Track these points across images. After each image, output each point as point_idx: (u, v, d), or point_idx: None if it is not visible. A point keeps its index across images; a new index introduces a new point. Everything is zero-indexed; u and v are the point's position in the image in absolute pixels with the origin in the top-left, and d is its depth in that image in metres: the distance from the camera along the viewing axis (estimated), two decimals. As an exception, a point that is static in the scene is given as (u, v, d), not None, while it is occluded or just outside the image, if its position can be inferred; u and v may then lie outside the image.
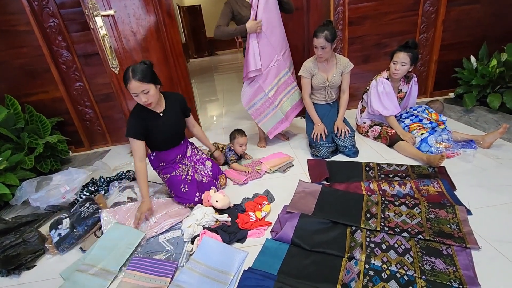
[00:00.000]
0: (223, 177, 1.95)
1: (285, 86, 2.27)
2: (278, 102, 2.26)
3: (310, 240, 1.34)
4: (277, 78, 2.20)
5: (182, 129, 1.84)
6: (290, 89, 2.31)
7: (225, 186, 1.96)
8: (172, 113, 1.72)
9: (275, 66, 2.15)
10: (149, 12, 2.29)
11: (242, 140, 2.16)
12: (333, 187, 1.75)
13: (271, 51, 2.12)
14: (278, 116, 2.29)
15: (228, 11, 2.07)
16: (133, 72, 1.46)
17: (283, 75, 2.23)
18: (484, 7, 2.78)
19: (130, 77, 1.45)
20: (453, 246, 1.24)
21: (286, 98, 2.30)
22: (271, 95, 2.21)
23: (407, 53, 2.02)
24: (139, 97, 1.50)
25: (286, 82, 2.26)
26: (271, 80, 2.18)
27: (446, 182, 1.64)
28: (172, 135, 1.75)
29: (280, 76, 2.22)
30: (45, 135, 2.47)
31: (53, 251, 1.55)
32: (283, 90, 2.27)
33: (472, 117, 2.48)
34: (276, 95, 2.23)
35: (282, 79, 2.23)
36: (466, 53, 2.83)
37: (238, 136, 2.16)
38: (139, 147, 1.60)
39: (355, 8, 2.69)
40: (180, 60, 2.55)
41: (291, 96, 2.32)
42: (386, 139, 2.20)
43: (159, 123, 1.65)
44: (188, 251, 1.41)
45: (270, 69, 2.15)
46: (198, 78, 6.73)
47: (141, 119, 1.60)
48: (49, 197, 1.88)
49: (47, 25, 2.47)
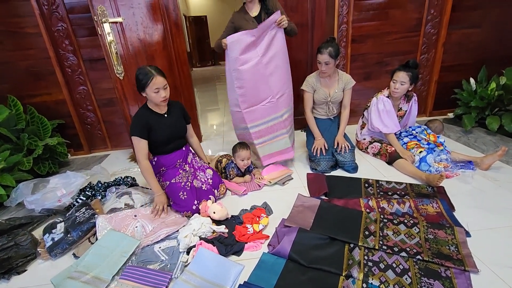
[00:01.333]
0: (224, 187, 1.95)
1: (272, 131, 2.11)
2: (259, 143, 2.13)
3: (308, 256, 1.32)
4: (264, 119, 2.07)
5: (184, 132, 1.90)
6: (278, 135, 2.12)
7: (224, 195, 1.94)
8: (174, 115, 1.81)
9: (265, 107, 2.03)
10: (156, 21, 2.33)
11: (244, 154, 2.04)
12: (332, 202, 1.74)
13: (266, 90, 1.99)
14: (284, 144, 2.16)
15: (231, 26, 2.09)
16: (155, 70, 1.60)
17: (273, 119, 2.07)
18: (485, 32, 2.85)
19: (154, 74, 1.58)
20: (452, 269, 1.22)
21: (269, 143, 2.14)
22: (253, 132, 2.09)
23: (406, 73, 2.05)
24: (159, 92, 1.61)
25: (275, 126, 2.09)
26: (257, 118, 2.07)
27: (445, 202, 1.64)
28: (174, 136, 1.80)
29: (269, 119, 2.07)
30: (45, 137, 2.47)
31: (45, 256, 1.51)
32: (268, 134, 2.11)
33: (471, 138, 2.50)
34: (258, 134, 2.11)
35: (270, 123, 2.08)
36: (466, 75, 2.89)
37: (239, 150, 2.05)
38: (143, 146, 1.66)
39: (358, 27, 2.75)
40: (185, 69, 2.58)
41: (276, 142, 2.14)
42: (386, 156, 2.20)
43: (162, 123, 1.73)
44: (183, 262, 1.39)
45: (259, 108, 2.03)
46: (201, 87, 6.78)
47: (145, 118, 1.68)
48: (45, 200, 1.85)
49: (55, 29, 2.50)
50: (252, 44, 1.90)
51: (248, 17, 2.08)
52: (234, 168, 2.09)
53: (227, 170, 2.08)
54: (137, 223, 1.60)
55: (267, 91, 2.00)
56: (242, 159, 2.06)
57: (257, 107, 2.04)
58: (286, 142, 2.15)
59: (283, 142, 2.14)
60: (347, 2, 2.64)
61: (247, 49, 1.90)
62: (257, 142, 2.13)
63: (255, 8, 2.09)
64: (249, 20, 2.07)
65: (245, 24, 2.05)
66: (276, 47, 1.96)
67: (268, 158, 2.19)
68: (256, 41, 1.90)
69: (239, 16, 2.10)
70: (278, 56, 1.98)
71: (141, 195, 1.89)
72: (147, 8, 2.27)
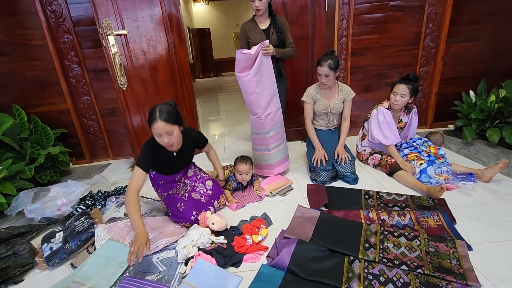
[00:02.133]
0: (224, 197, 1.94)
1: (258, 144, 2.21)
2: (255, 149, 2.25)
3: (307, 268, 1.30)
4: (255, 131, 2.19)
5: (190, 161, 1.87)
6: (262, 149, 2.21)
7: (224, 206, 1.94)
8: (185, 152, 1.74)
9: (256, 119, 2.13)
10: (160, 34, 2.39)
11: (242, 168, 2.00)
12: (332, 213, 1.73)
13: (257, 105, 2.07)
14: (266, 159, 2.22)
15: (243, 37, 2.27)
16: (160, 112, 1.45)
17: (259, 133, 2.17)
18: (483, 45, 2.89)
19: (157, 117, 1.44)
20: (453, 283, 1.20)
21: (256, 154, 2.26)
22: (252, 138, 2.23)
23: (406, 85, 2.07)
24: (161, 138, 1.49)
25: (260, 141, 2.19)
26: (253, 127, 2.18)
27: (446, 214, 1.62)
28: (182, 166, 1.79)
29: (257, 131, 2.17)
30: (48, 146, 2.49)
31: (43, 265, 1.51)
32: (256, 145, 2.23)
33: (472, 150, 2.49)
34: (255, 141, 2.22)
35: (258, 135, 2.18)
36: (465, 87, 2.91)
37: (238, 163, 2.02)
38: (141, 178, 1.54)
39: (358, 40, 2.80)
40: (187, 80, 2.62)
41: (260, 156, 2.24)
42: (386, 167, 2.20)
43: (170, 161, 1.68)
44: (181, 273, 1.38)
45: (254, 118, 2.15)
46: (203, 97, 6.86)
47: (155, 154, 1.58)
48: (45, 209, 1.86)
49: (61, 41, 2.57)
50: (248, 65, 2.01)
51: (258, 29, 2.21)
52: (234, 181, 2.08)
53: (228, 182, 2.09)
54: (136, 233, 1.59)
55: (257, 106, 2.07)
56: (240, 173, 2.02)
57: (253, 118, 2.15)
58: (267, 159, 2.21)
59: (265, 157, 2.22)
60: (346, 16, 2.70)
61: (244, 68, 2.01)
62: (255, 148, 2.27)
63: (266, 22, 2.23)
64: (258, 32, 2.21)
65: (254, 36, 2.20)
66: (264, 68, 2.03)
67: (257, 168, 2.32)
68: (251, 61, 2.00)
69: (249, 26, 2.24)
70: (266, 77, 2.04)
71: (141, 205, 1.88)
72: (151, 21, 2.33)
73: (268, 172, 2.26)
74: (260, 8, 2.13)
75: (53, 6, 2.46)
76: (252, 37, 2.22)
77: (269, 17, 2.24)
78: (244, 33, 2.27)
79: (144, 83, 2.43)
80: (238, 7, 10.81)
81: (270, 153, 2.19)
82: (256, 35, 2.21)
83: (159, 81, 2.48)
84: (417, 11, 2.75)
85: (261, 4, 2.11)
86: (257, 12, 2.17)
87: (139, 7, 2.27)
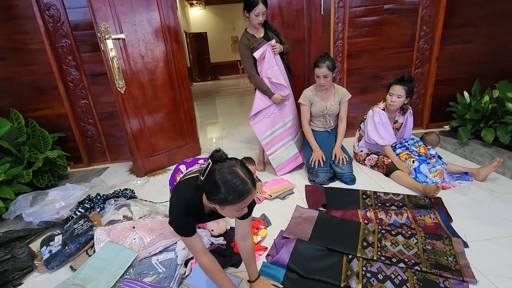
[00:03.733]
0: None
1: (279, 140, 2.35)
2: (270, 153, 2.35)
3: (306, 267, 1.32)
4: (270, 130, 2.32)
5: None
6: (285, 143, 2.37)
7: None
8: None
9: (270, 118, 2.30)
10: (158, 37, 2.41)
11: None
12: (330, 213, 1.75)
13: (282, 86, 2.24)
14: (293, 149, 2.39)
15: (247, 53, 2.22)
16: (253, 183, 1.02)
17: (278, 129, 2.34)
18: (477, 47, 2.95)
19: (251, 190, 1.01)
20: (450, 279, 1.22)
21: (279, 152, 2.36)
22: (263, 144, 2.35)
23: (402, 87, 2.11)
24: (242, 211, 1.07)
25: (281, 136, 2.35)
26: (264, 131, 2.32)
27: (442, 213, 1.65)
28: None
29: (274, 129, 2.33)
30: (46, 150, 2.49)
31: (42, 268, 1.50)
32: (276, 143, 2.35)
33: (467, 150, 2.53)
34: (268, 145, 2.34)
35: (276, 132, 2.33)
36: (460, 88, 2.95)
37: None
38: (196, 241, 1.15)
39: (353, 42, 2.84)
40: (185, 83, 2.64)
41: (284, 151, 2.37)
42: (383, 168, 2.23)
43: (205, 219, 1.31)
44: (181, 275, 1.38)
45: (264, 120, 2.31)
46: (201, 101, 6.87)
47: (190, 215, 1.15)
48: (43, 212, 1.86)
49: (59, 45, 2.58)
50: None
51: (257, 39, 2.23)
52: None
53: None
54: (135, 235, 1.60)
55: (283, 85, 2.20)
56: None
57: (263, 119, 2.26)
58: (293, 148, 2.37)
59: (290, 149, 2.36)
60: (342, 19, 2.74)
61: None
62: (269, 153, 2.35)
63: (261, 30, 2.27)
64: (259, 41, 2.23)
65: (258, 45, 2.21)
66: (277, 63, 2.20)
67: (281, 168, 2.38)
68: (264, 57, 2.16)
69: (249, 40, 2.23)
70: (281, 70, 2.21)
71: (140, 207, 1.89)
72: (149, 26, 2.35)
73: (297, 161, 2.40)
74: (262, 22, 2.18)
75: (51, 10, 2.48)
76: (256, 46, 2.20)
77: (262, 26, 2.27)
78: (247, 49, 2.22)
79: (143, 86, 2.44)
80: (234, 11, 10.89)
81: (294, 142, 2.38)
82: (259, 44, 2.21)
83: (157, 85, 2.50)
84: (411, 14, 2.80)
85: (264, 17, 2.15)
86: (258, 25, 2.19)
87: (137, 12, 2.30)
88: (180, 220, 1.14)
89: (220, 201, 1.00)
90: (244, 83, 9.41)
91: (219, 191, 0.98)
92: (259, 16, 2.12)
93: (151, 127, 2.56)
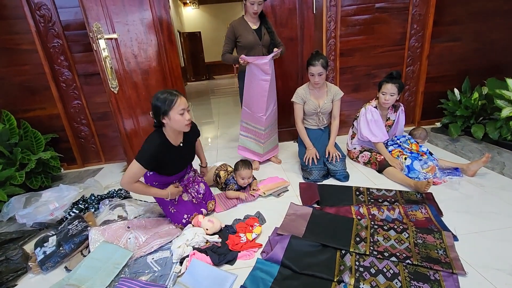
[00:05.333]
0: (212, 203, 1.91)
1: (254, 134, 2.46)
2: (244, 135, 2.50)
3: (300, 262, 1.34)
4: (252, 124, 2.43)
5: (192, 159, 1.85)
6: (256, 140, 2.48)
7: (211, 212, 1.92)
8: (188, 144, 1.73)
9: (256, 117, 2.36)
10: (151, 37, 2.40)
11: (244, 173, 2.02)
12: (324, 210, 1.77)
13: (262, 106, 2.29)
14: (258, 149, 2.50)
15: (231, 35, 2.29)
16: (177, 92, 1.50)
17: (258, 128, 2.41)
18: (466, 44, 3.00)
19: (178, 94, 1.49)
20: (440, 272, 1.25)
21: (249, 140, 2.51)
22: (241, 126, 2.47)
23: (394, 84, 2.14)
24: (184, 114, 1.49)
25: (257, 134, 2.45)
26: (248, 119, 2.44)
27: (433, 208, 1.68)
28: (182, 166, 1.75)
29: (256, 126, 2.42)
30: (38, 151, 2.47)
31: (36, 270, 1.50)
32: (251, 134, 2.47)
33: (458, 146, 2.57)
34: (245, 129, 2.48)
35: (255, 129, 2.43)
36: (450, 85, 3.00)
37: (240, 169, 2.03)
38: (138, 176, 1.50)
39: (346, 41, 2.86)
40: (178, 83, 2.64)
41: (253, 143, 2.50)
42: (376, 164, 2.26)
43: (174, 157, 1.62)
44: (176, 273, 1.39)
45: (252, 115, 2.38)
46: (195, 100, 6.85)
47: (158, 151, 1.51)
48: (37, 213, 1.85)
49: (50, 45, 2.55)
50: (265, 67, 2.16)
51: (248, 28, 2.26)
52: (235, 184, 2.09)
53: (228, 184, 2.09)
54: (130, 235, 1.60)
55: (263, 108, 2.28)
56: (243, 177, 2.04)
57: (253, 114, 2.36)
58: (259, 149, 2.49)
59: (257, 147, 2.50)
60: (334, 18, 2.76)
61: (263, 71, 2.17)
62: (241, 134, 2.52)
63: (256, 22, 2.30)
64: (249, 31, 2.25)
65: (246, 34, 2.25)
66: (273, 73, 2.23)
67: (243, 150, 2.56)
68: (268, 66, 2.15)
69: (240, 25, 2.27)
70: (273, 79, 2.25)
71: (135, 207, 1.89)
72: (141, 25, 2.35)
73: (256, 157, 2.52)
74: (258, 12, 2.18)
75: (42, 10, 2.45)
76: (243, 36, 2.25)
77: (259, 18, 2.29)
78: (233, 32, 2.28)
79: (136, 86, 2.43)
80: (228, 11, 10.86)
81: (263, 145, 2.46)
82: (247, 34, 2.24)
83: (151, 84, 2.49)
84: (402, 12, 2.84)
85: (260, 7, 2.17)
86: (254, 15, 2.21)
87: (129, 11, 2.29)
88: (147, 146, 1.50)
89: (164, 113, 1.46)
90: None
91: (158, 107, 1.45)
92: (255, 5, 2.13)
93: (145, 127, 2.55)
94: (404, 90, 3.10)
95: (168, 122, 1.49)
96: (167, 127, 1.54)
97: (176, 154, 1.63)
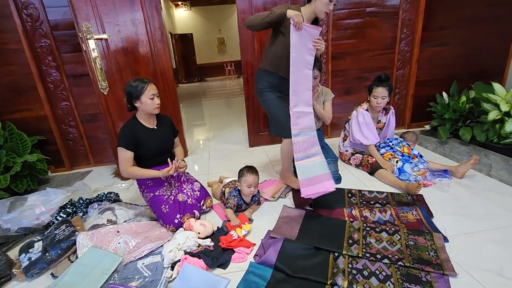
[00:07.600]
0: (210, 200, 1.93)
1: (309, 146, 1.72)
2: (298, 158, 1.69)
3: (293, 266, 1.33)
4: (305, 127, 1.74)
5: (171, 146, 1.92)
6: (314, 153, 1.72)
7: (210, 209, 1.93)
8: (163, 129, 1.84)
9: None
10: (142, 38, 2.37)
11: (251, 179, 1.72)
12: (317, 212, 1.77)
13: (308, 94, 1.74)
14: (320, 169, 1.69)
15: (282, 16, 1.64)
16: (147, 79, 1.68)
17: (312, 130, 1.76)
18: (454, 49, 3.07)
19: (148, 81, 1.67)
20: (431, 273, 1.26)
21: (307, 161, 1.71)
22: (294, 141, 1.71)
23: (385, 87, 2.17)
24: (154, 99, 1.68)
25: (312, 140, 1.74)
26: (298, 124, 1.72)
27: (424, 209, 1.70)
28: (162, 150, 1.81)
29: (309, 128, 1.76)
30: (24, 153, 2.40)
31: (21, 277, 1.45)
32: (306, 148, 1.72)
33: (447, 148, 2.62)
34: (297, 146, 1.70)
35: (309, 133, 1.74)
36: (439, 89, 3.06)
37: (246, 174, 1.73)
38: (128, 158, 1.67)
39: (337, 45, 2.89)
40: (170, 85, 2.61)
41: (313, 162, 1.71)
42: (367, 167, 2.28)
43: (150, 137, 1.74)
44: (167, 278, 1.36)
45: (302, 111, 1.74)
46: (187, 102, 6.81)
47: (134, 130, 1.70)
48: (22, 218, 1.79)
49: (38, 45, 2.49)
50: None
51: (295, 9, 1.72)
52: (236, 197, 1.80)
53: (228, 197, 1.83)
54: (120, 239, 1.56)
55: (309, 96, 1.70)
56: (249, 185, 1.73)
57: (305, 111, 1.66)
58: (323, 164, 1.68)
59: (319, 163, 1.68)
60: (326, 22, 2.79)
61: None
62: (296, 157, 1.68)
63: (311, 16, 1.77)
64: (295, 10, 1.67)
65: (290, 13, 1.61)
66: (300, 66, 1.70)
67: (307, 185, 1.65)
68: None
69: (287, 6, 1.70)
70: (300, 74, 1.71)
71: (125, 210, 1.85)
72: (132, 26, 2.31)
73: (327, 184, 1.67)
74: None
75: (29, 9, 2.39)
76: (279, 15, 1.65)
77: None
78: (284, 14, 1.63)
79: (126, 87, 2.39)
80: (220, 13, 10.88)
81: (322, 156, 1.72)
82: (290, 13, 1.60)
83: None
84: (392, 17, 2.89)
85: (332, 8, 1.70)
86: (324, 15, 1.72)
87: (120, 12, 2.26)
88: (122, 132, 1.67)
89: (136, 97, 1.65)
90: (231, 85, 9.40)
91: (132, 92, 1.64)
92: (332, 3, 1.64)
93: (135, 129, 2.51)
94: (394, 93, 3.15)
95: (140, 106, 1.68)
96: (140, 110, 1.72)
97: (152, 135, 1.76)
